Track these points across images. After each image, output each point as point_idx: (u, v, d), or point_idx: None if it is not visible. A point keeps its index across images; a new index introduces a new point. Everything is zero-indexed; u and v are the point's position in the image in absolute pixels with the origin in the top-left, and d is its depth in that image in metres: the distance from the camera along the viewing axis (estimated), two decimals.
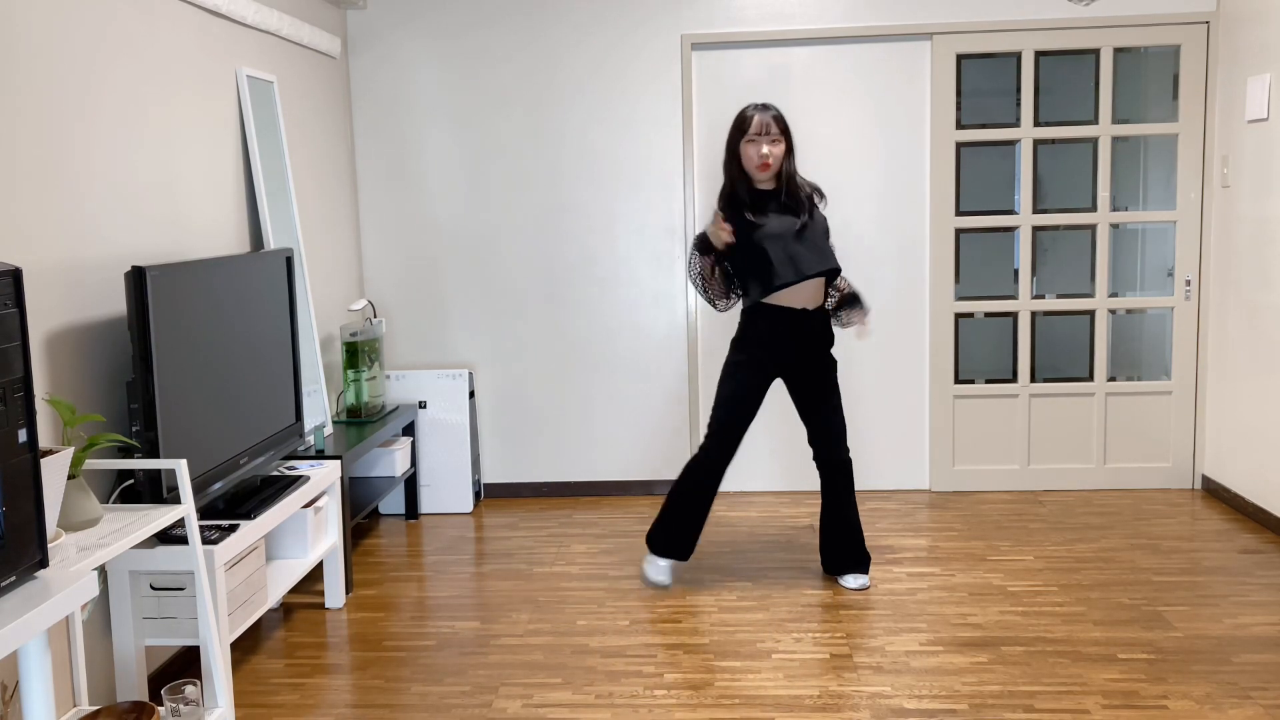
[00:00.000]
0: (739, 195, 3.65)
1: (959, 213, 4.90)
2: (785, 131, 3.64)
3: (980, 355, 5.41)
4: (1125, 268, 5.40)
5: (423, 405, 4.89)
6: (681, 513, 3.80)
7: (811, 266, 3.59)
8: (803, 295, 3.65)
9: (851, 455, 3.84)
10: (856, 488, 5.04)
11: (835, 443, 3.76)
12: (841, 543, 3.81)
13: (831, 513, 3.82)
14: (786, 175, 3.67)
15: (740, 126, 3.63)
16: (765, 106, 3.64)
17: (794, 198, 3.68)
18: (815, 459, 3.80)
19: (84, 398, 2.80)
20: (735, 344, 3.76)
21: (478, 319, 5.07)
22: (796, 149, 3.83)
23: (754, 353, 3.70)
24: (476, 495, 5.04)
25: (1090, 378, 4.97)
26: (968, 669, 3.14)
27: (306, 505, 3.55)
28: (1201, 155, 4.77)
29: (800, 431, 5.01)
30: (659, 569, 3.85)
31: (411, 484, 4.84)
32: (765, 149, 3.58)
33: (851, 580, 3.79)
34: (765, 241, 3.58)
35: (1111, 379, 4.96)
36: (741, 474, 5.07)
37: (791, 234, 3.60)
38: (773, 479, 5.09)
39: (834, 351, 3.79)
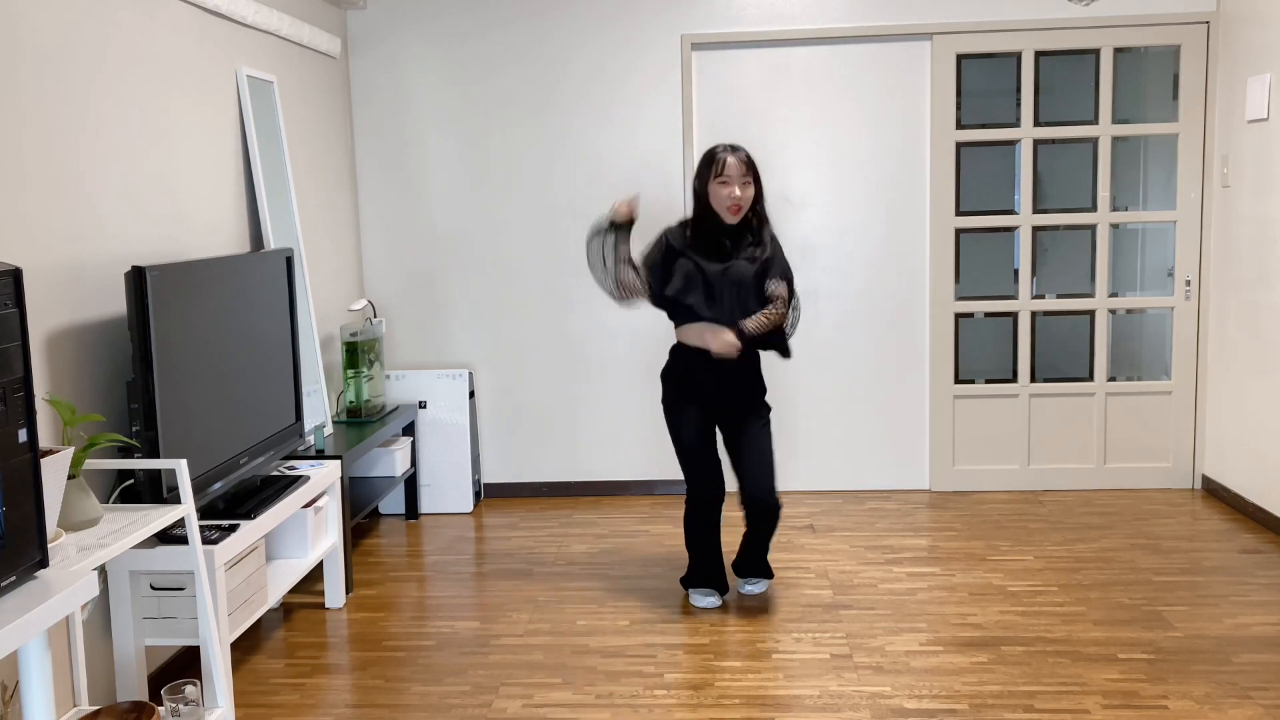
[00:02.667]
0: (703, 228, 3.56)
1: (959, 213, 4.90)
2: (756, 176, 3.55)
3: (980, 355, 5.42)
4: (1125, 268, 5.41)
5: (423, 405, 4.89)
6: (700, 553, 3.74)
7: (724, 314, 3.50)
8: None
9: (781, 504, 3.67)
10: (856, 487, 5.05)
11: (761, 483, 3.60)
12: (752, 556, 3.79)
13: (750, 542, 3.75)
14: (756, 216, 3.58)
15: (711, 167, 3.52)
16: (735, 148, 3.54)
17: (757, 237, 3.58)
18: (742, 501, 3.65)
19: (84, 398, 2.80)
20: (669, 388, 3.68)
21: (478, 319, 5.07)
22: (765, 188, 3.70)
23: (674, 390, 3.64)
24: (476, 495, 5.04)
25: (1090, 378, 4.97)
26: (968, 669, 3.14)
27: (306, 505, 3.55)
28: (1201, 155, 4.77)
29: (799, 432, 5.02)
30: (700, 595, 3.74)
31: (411, 484, 4.84)
32: (737, 192, 3.48)
33: (752, 586, 3.80)
34: (694, 279, 3.51)
35: (1111, 379, 4.96)
36: None
37: (727, 277, 3.50)
38: None
39: (783, 395, 3.66)
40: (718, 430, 3.69)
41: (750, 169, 3.53)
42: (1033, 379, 4.97)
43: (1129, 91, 5.12)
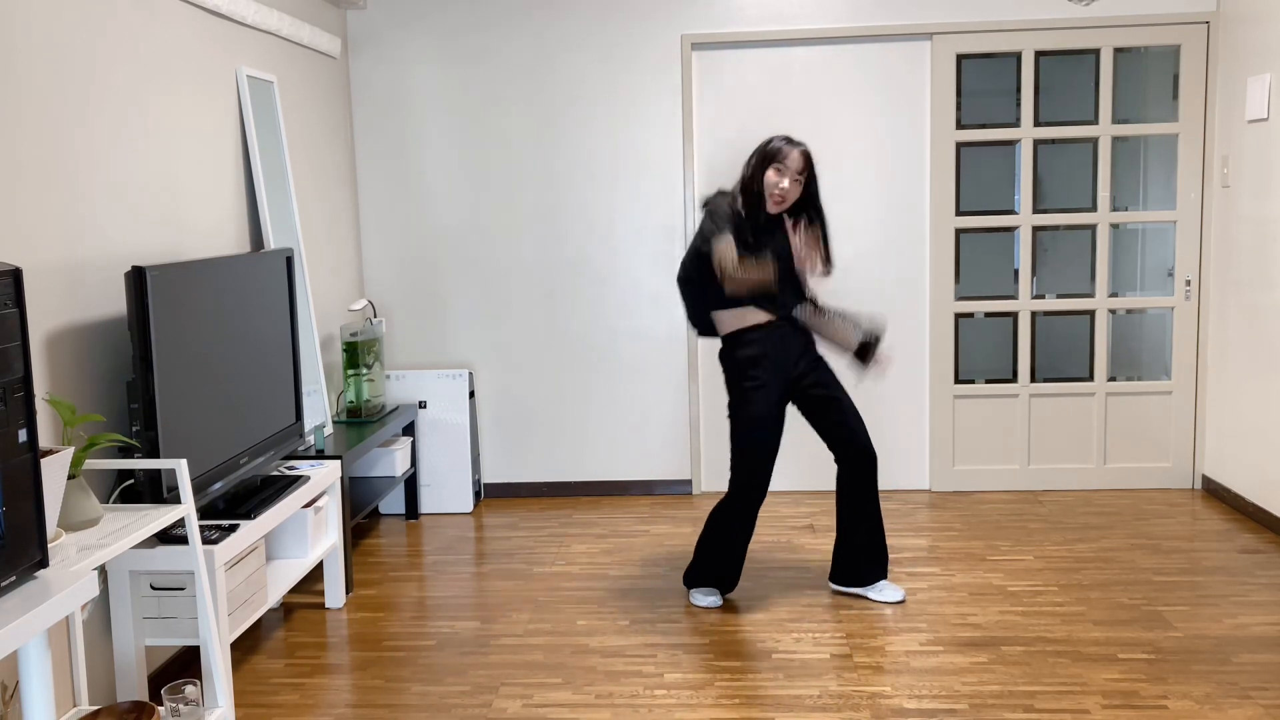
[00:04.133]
0: (749, 210, 3.51)
1: (959, 213, 4.90)
2: (811, 176, 3.50)
3: (980, 355, 5.42)
4: (1125, 268, 5.41)
5: (423, 405, 4.89)
6: (725, 554, 3.67)
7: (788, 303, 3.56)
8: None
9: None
10: None
11: (865, 437, 3.64)
12: (871, 549, 3.69)
13: (856, 517, 3.67)
14: (806, 214, 3.56)
15: (771, 153, 3.47)
16: (796, 142, 3.49)
17: (792, 221, 3.57)
18: (844, 458, 3.64)
19: (84, 398, 2.80)
20: (738, 374, 3.57)
21: (478, 319, 5.07)
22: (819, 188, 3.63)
23: (763, 377, 3.53)
24: (476, 495, 5.04)
25: (1090, 378, 4.97)
26: (968, 669, 3.14)
27: (306, 505, 3.55)
28: (1201, 155, 4.77)
29: (800, 431, 5.00)
30: (703, 594, 3.72)
31: (411, 484, 4.84)
32: (786, 184, 3.45)
33: (889, 592, 3.67)
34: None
35: (1111, 379, 4.96)
36: None
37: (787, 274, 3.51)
38: (773, 479, 5.08)
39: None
40: (793, 407, 3.68)
41: (807, 166, 3.48)
42: (1033, 379, 4.97)
43: (1129, 91, 5.12)
